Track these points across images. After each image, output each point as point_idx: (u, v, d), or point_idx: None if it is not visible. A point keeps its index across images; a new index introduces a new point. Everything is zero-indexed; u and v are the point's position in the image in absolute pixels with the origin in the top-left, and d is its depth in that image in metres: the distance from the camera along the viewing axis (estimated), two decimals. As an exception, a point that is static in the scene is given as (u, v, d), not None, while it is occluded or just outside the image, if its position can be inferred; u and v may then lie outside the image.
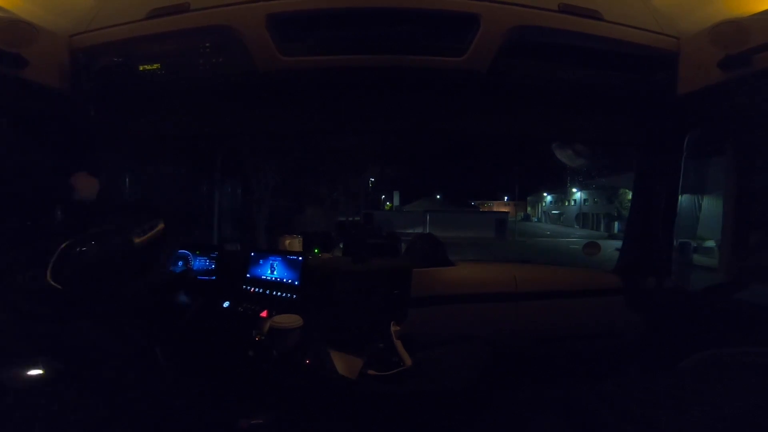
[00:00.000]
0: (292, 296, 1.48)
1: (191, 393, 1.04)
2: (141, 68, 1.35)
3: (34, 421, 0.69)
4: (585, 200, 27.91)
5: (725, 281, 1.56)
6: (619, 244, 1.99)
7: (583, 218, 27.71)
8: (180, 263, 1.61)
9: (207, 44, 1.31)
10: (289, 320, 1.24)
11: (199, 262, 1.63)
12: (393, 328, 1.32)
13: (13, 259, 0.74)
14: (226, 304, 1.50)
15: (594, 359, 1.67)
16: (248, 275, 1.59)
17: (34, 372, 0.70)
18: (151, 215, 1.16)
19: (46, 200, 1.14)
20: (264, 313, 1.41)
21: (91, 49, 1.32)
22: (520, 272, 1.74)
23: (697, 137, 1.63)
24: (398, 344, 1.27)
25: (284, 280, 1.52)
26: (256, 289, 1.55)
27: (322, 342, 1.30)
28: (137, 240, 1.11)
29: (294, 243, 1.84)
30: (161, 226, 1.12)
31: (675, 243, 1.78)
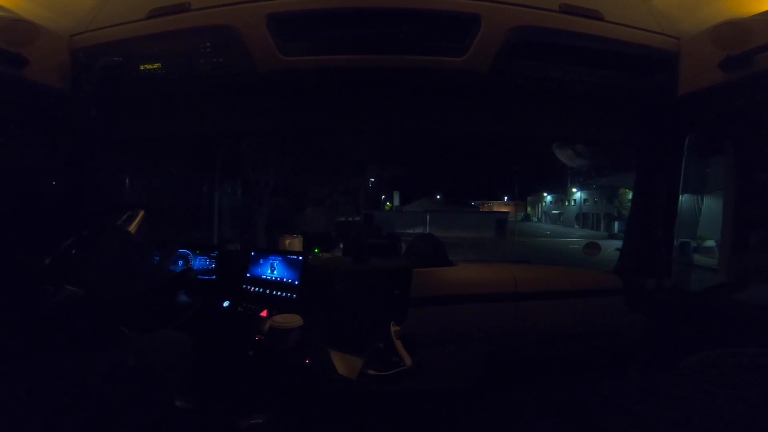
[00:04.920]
0: (292, 296, 1.48)
1: (191, 393, 1.04)
2: (141, 68, 1.35)
3: (35, 421, 0.69)
4: (585, 200, 27.89)
5: (725, 281, 1.56)
6: (619, 244, 1.99)
7: (583, 218, 27.70)
8: (180, 263, 1.61)
9: (207, 44, 1.30)
10: (289, 320, 1.24)
11: (200, 262, 1.63)
12: (393, 328, 1.32)
13: (14, 259, 0.74)
14: (226, 304, 1.51)
15: (594, 359, 1.67)
16: (248, 275, 1.59)
17: (36, 372, 0.70)
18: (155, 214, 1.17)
19: (46, 200, 1.14)
20: (264, 313, 1.41)
21: (91, 48, 1.32)
22: (520, 272, 1.74)
23: (697, 137, 1.63)
24: (398, 344, 1.27)
25: (284, 280, 1.52)
26: (256, 289, 1.55)
27: (322, 342, 1.30)
28: (129, 229, 1.11)
29: (294, 243, 1.85)
30: (142, 213, 1.13)
31: (675, 243, 1.78)
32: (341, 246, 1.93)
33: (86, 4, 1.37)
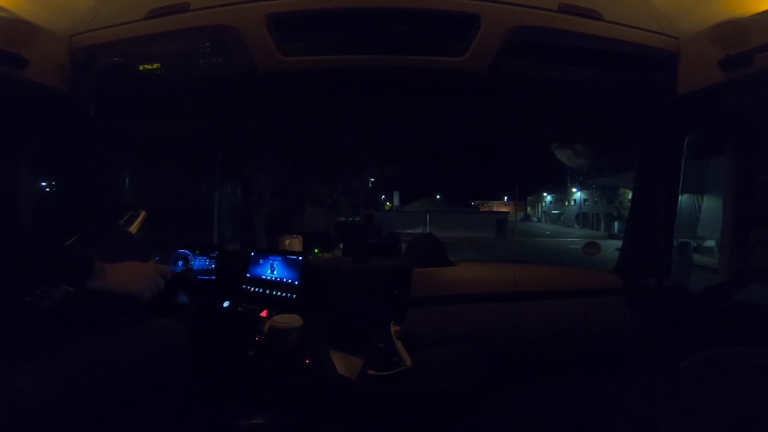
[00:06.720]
0: (292, 296, 1.48)
1: (191, 393, 1.04)
2: (141, 68, 1.35)
3: (35, 420, 0.69)
4: (585, 200, 27.93)
5: (725, 281, 1.55)
6: (619, 244, 1.99)
7: (583, 218, 27.74)
8: (180, 263, 1.61)
9: (207, 44, 1.30)
10: (289, 320, 1.24)
11: (199, 262, 1.63)
12: (393, 328, 1.32)
13: (14, 259, 0.74)
14: (226, 304, 1.51)
15: (594, 359, 1.67)
16: (248, 275, 1.59)
17: (36, 372, 0.70)
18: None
19: (46, 200, 1.14)
20: (264, 313, 1.41)
21: (91, 49, 1.32)
22: (520, 272, 1.74)
23: (697, 137, 1.63)
24: (398, 344, 1.27)
25: (284, 280, 1.52)
26: (256, 289, 1.55)
27: (322, 342, 1.30)
28: (131, 230, 1.12)
29: (294, 243, 1.84)
30: (144, 213, 1.13)
31: (675, 243, 1.78)
32: (341, 246, 1.93)
33: (85, 4, 1.37)
